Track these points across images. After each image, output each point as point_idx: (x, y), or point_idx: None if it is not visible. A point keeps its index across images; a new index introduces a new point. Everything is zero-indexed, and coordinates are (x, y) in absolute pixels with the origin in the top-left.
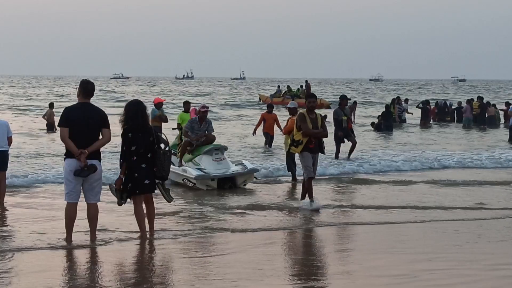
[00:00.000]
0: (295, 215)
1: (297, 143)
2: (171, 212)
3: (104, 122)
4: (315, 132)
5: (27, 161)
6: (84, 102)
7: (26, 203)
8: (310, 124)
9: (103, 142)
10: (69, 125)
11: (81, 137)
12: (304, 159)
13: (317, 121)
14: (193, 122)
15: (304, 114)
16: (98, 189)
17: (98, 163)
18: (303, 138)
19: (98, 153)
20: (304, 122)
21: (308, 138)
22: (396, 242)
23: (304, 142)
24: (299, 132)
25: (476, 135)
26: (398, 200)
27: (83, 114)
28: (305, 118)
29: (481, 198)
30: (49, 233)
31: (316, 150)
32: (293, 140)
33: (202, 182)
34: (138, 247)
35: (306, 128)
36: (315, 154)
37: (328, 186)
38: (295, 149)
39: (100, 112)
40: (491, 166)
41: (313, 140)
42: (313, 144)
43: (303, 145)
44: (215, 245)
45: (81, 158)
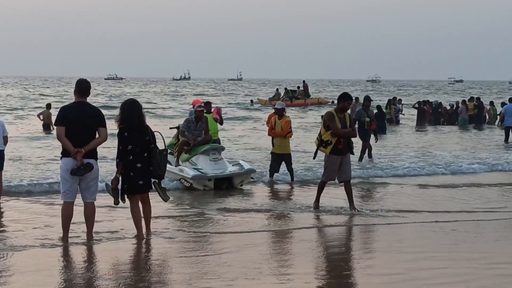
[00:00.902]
0: (291, 216)
1: (326, 144)
2: (167, 212)
3: (100, 121)
4: (345, 132)
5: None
6: (81, 101)
7: (23, 203)
8: (339, 124)
9: (99, 141)
10: (66, 124)
11: (77, 136)
12: (330, 162)
13: (345, 121)
14: (189, 122)
15: (333, 113)
16: (95, 188)
17: (95, 162)
18: (332, 138)
19: (95, 152)
20: (333, 122)
21: (337, 139)
22: (393, 242)
23: (333, 142)
24: (327, 132)
25: (474, 136)
26: (409, 204)
27: (80, 113)
28: (334, 117)
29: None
30: (46, 232)
31: (346, 151)
32: (321, 140)
33: (199, 182)
34: (134, 246)
35: (335, 127)
36: (344, 156)
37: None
38: (324, 149)
39: (96, 111)
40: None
41: (342, 140)
42: (342, 144)
43: (332, 145)
44: (211, 245)
45: (77, 157)
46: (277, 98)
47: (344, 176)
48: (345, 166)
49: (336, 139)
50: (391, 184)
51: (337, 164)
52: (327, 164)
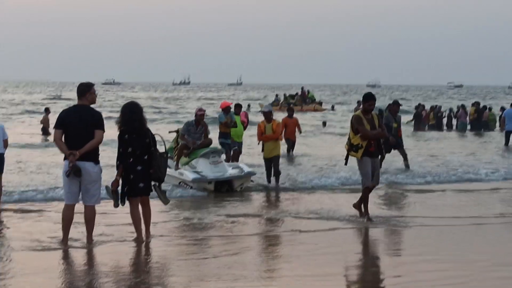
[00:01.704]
0: (289, 220)
1: (357, 148)
2: (167, 215)
3: (97, 123)
4: (375, 134)
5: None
6: (80, 104)
7: (23, 207)
8: (368, 126)
9: (94, 143)
10: (64, 127)
11: (76, 139)
12: (363, 165)
13: (373, 121)
14: (189, 125)
15: (360, 115)
16: (94, 191)
17: (93, 166)
18: (362, 141)
19: (94, 155)
20: (361, 124)
21: (367, 141)
22: (392, 244)
23: (364, 145)
24: (356, 136)
25: (476, 141)
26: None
27: (78, 116)
28: (361, 119)
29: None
30: (46, 235)
31: (377, 154)
32: (351, 145)
33: (199, 185)
34: (134, 249)
35: (364, 130)
36: (375, 159)
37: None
38: (355, 154)
39: (94, 113)
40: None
41: (373, 142)
42: (373, 146)
43: (363, 149)
44: (211, 248)
45: (69, 158)
46: (277, 103)
47: (374, 180)
48: (375, 170)
49: (367, 141)
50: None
51: (370, 166)
52: (361, 168)
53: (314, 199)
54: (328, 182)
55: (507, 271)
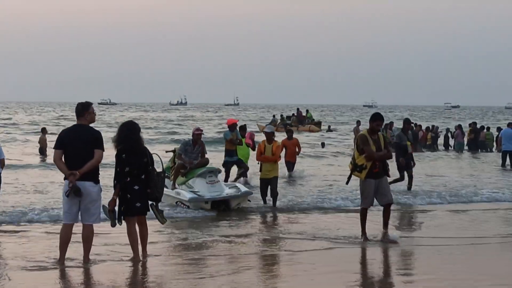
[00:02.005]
0: (285, 241)
1: (361, 168)
2: (164, 235)
3: (96, 142)
4: (380, 155)
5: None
6: (78, 124)
7: (17, 227)
8: (374, 146)
9: (93, 162)
10: (63, 147)
11: (76, 159)
12: (366, 187)
13: (380, 142)
14: (186, 145)
15: (366, 135)
16: (94, 211)
17: (93, 185)
18: (366, 162)
19: (93, 175)
20: (367, 145)
21: (372, 162)
22: (392, 264)
23: (368, 166)
24: (361, 156)
25: (473, 161)
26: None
27: (77, 136)
28: (367, 139)
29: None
30: (43, 254)
31: (381, 174)
32: (355, 165)
33: (196, 204)
34: (131, 268)
35: (369, 151)
36: (381, 179)
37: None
38: (359, 174)
39: (93, 133)
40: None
41: (378, 163)
42: (377, 168)
43: (367, 170)
44: (208, 267)
45: (69, 178)
46: (274, 124)
47: (386, 199)
48: (384, 189)
49: (371, 162)
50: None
51: (373, 188)
52: (363, 189)
53: (311, 220)
54: (326, 203)
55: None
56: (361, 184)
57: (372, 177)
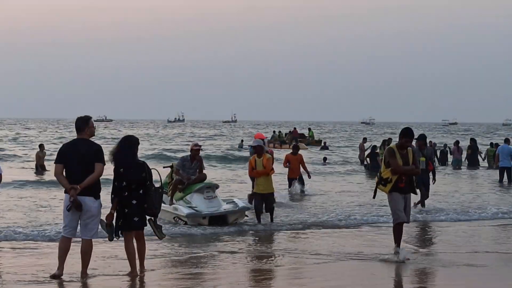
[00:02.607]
0: (286, 255)
1: (386, 182)
2: (161, 250)
3: (97, 156)
4: (406, 169)
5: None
6: (79, 138)
7: (15, 244)
8: (401, 160)
9: (94, 176)
10: (63, 162)
11: (76, 173)
12: (394, 201)
13: (407, 157)
14: (184, 160)
15: (394, 149)
16: (93, 226)
17: (92, 201)
18: (392, 176)
19: (93, 190)
20: (393, 158)
21: (398, 176)
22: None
23: (393, 180)
24: (387, 169)
25: (472, 177)
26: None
27: (77, 150)
28: (395, 153)
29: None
30: (41, 268)
31: (407, 190)
32: (380, 178)
33: (194, 220)
34: (128, 283)
35: (395, 164)
36: (406, 196)
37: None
38: (383, 188)
39: (93, 146)
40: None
41: (404, 178)
42: (403, 183)
43: (392, 183)
44: (205, 282)
45: (70, 193)
46: (274, 140)
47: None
48: (406, 208)
49: (397, 176)
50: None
51: (402, 202)
52: (391, 204)
53: (309, 236)
54: (325, 220)
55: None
56: (388, 198)
57: (398, 191)
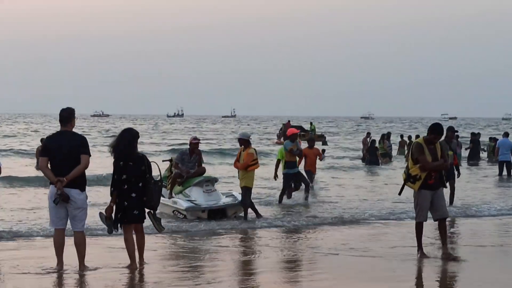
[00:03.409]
0: (283, 249)
1: (414, 179)
2: (160, 243)
3: (83, 147)
4: (436, 165)
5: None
6: (63, 130)
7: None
8: (429, 156)
9: (80, 168)
10: (49, 154)
11: (62, 165)
12: (421, 198)
13: (436, 152)
14: (183, 154)
15: (422, 144)
16: (81, 217)
17: (78, 193)
18: (421, 172)
19: (79, 182)
20: (422, 154)
21: (427, 173)
22: (385, 271)
23: (422, 177)
24: (415, 166)
25: (474, 172)
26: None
27: (62, 142)
28: (423, 148)
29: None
30: (40, 261)
31: (437, 186)
32: (408, 175)
33: (193, 213)
34: (128, 275)
35: (424, 161)
36: (436, 191)
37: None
38: (412, 185)
39: (78, 138)
40: None
41: (433, 174)
42: (432, 179)
43: (421, 181)
44: (205, 275)
45: (57, 185)
46: (283, 133)
47: (439, 213)
48: (439, 202)
49: (426, 173)
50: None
51: (428, 200)
52: (417, 202)
53: (307, 232)
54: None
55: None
56: (415, 196)
57: (427, 188)
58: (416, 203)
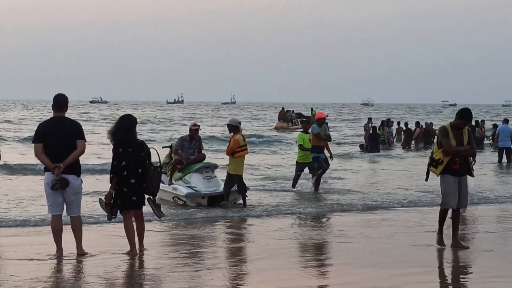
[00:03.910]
0: (283, 235)
1: (437, 163)
2: (160, 229)
3: (78, 133)
4: (459, 150)
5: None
6: (57, 116)
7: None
8: (454, 140)
9: (77, 153)
10: (44, 141)
11: (57, 151)
12: (445, 183)
13: (462, 137)
14: (183, 140)
15: (447, 128)
16: (78, 202)
17: (75, 178)
18: (444, 157)
19: (75, 167)
20: (446, 138)
21: (450, 158)
22: (385, 257)
23: (445, 162)
24: (439, 150)
25: None
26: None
27: (56, 128)
28: (447, 132)
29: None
30: (40, 247)
31: (463, 172)
32: (432, 159)
33: (193, 200)
34: (127, 261)
35: (448, 145)
36: (461, 177)
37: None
38: (434, 170)
39: (73, 124)
40: None
41: (458, 159)
42: (457, 164)
43: (443, 165)
44: (205, 261)
45: (55, 171)
46: (288, 119)
47: (460, 202)
48: (461, 190)
49: (450, 158)
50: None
51: (454, 185)
52: (443, 187)
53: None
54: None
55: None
56: (441, 182)
57: (451, 173)
58: (442, 188)
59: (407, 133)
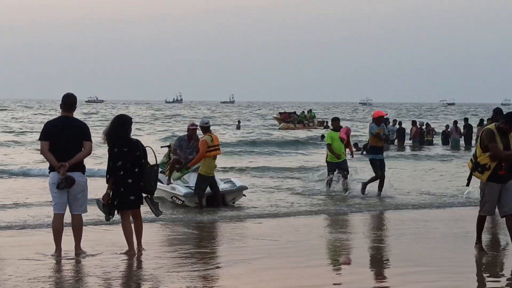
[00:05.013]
0: (280, 234)
1: (483, 168)
2: (159, 228)
3: (85, 134)
4: (508, 155)
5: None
6: (65, 115)
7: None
8: (501, 144)
9: (84, 154)
10: (50, 139)
11: (62, 150)
12: (488, 190)
13: (509, 141)
14: (181, 140)
15: (494, 130)
16: (83, 200)
17: (81, 176)
18: (491, 162)
19: (81, 166)
20: (493, 142)
21: (497, 163)
22: (385, 256)
23: (492, 167)
24: (485, 154)
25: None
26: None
27: (64, 127)
28: (494, 136)
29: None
30: (39, 247)
31: (508, 178)
32: (477, 163)
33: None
34: (125, 261)
35: (496, 149)
36: (505, 184)
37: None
38: (480, 175)
39: (80, 124)
40: None
41: (504, 164)
42: (503, 170)
43: (490, 171)
44: (202, 260)
45: (60, 170)
46: (293, 119)
47: (506, 208)
48: (507, 196)
49: (496, 163)
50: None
51: (497, 193)
52: (484, 194)
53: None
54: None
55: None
56: (482, 187)
57: (496, 180)
58: (482, 194)
59: (399, 132)
